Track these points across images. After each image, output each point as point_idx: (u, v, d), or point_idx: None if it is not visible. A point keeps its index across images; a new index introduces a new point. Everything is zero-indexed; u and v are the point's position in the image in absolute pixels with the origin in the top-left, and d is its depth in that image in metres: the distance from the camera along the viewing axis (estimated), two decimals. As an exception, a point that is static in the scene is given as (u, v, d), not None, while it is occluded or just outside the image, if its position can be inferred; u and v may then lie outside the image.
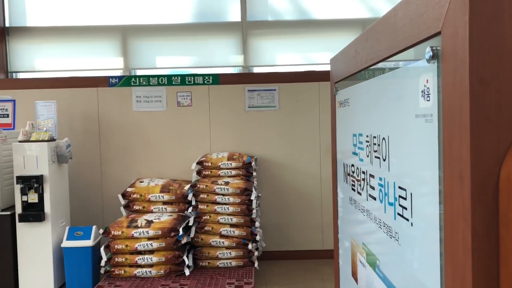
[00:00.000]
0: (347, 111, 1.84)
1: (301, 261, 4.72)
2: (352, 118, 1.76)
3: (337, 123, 2.06)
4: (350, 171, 1.80)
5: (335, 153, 2.13)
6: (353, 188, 1.76)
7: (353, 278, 1.81)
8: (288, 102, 4.78)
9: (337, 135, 2.07)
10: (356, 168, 1.70)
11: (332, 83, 2.12)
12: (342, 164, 1.96)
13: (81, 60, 5.15)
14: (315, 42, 5.16)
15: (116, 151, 4.79)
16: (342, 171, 1.96)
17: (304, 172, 4.79)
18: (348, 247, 1.90)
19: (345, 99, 1.87)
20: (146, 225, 3.91)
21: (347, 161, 1.85)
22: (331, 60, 2.15)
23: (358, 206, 1.68)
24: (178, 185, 4.40)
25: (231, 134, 4.79)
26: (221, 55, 5.15)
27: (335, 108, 2.09)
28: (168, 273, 3.88)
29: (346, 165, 1.88)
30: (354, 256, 1.78)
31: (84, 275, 3.99)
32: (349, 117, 1.82)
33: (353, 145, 1.73)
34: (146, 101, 4.80)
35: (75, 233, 4.06)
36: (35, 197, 3.93)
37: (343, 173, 1.95)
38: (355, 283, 1.76)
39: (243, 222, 4.14)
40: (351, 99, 1.77)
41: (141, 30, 5.14)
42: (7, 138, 4.12)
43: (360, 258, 1.66)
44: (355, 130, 1.70)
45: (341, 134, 2.00)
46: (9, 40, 5.13)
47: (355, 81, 1.73)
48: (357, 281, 1.74)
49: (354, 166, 1.73)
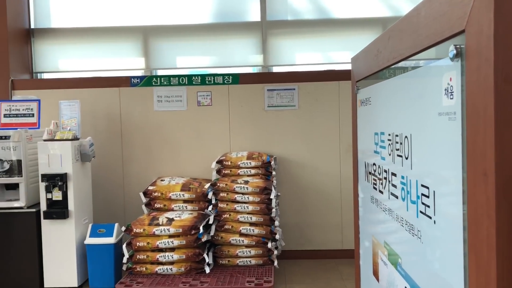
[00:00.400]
0: (369, 110, 1.84)
1: (320, 260, 4.72)
2: (374, 117, 1.76)
3: (358, 122, 2.07)
4: (372, 170, 1.80)
5: (356, 152, 2.13)
6: (375, 187, 1.76)
7: (374, 277, 1.81)
8: (307, 101, 4.78)
9: (358, 134, 2.07)
10: (377, 167, 1.71)
11: (353, 82, 2.12)
12: (363, 163, 1.96)
13: (104, 60, 5.24)
14: (335, 41, 5.15)
15: (137, 149, 4.87)
16: (363, 170, 1.96)
17: (324, 171, 4.78)
18: (369, 246, 1.90)
19: (366, 98, 1.88)
20: (167, 223, 3.97)
21: (369, 160, 1.85)
22: (352, 59, 2.15)
23: (379, 205, 1.69)
24: (198, 184, 4.44)
25: (250, 134, 4.82)
26: (241, 55, 5.18)
27: (356, 107, 2.09)
28: (188, 271, 3.92)
29: (368, 164, 1.88)
30: (375, 255, 1.78)
31: (106, 272, 4.07)
32: (370, 115, 1.82)
33: (375, 143, 1.73)
34: (167, 100, 4.86)
35: (98, 231, 4.14)
36: (59, 194, 4.02)
37: (364, 172, 1.95)
38: (376, 281, 1.76)
39: (262, 221, 4.16)
40: (373, 98, 1.77)
41: (162, 30, 5.20)
42: (33, 137, 4.22)
43: (382, 257, 1.67)
44: (376, 128, 1.70)
45: (362, 133, 2.00)
46: (34, 42, 5.25)
47: (376, 80, 1.73)
48: (378, 279, 1.74)
49: (376, 165, 1.73)
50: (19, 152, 4.06)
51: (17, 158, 4.07)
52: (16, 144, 4.06)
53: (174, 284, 3.73)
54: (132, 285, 3.73)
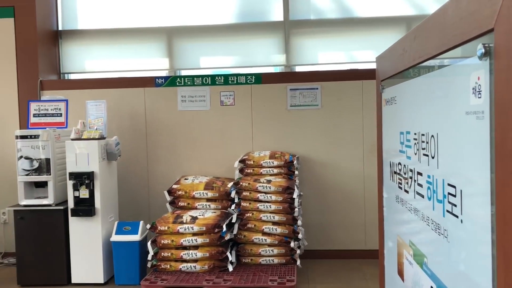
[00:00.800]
0: (394, 109, 1.84)
1: (343, 260, 4.71)
2: (399, 116, 1.76)
3: (383, 121, 2.06)
4: (397, 169, 1.80)
5: (380, 151, 2.12)
6: (400, 186, 1.75)
7: (399, 277, 1.81)
8: (330, 101, 4.77)
9: (383, 133, 2.07)
10: (403, 166, 1.70)
11: (378, 81, 2.12)
12: (388, 163, 1.95)
13: (129, 61, 5.33)
14: (358, 40, 5.12)
15: (162, 149, 4.94)
16: (388, 169, 1.96)
17: (347, 171, 4.76)
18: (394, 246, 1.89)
19: (391, 97, 1.87)
20: (191, 221, 4.01)
21: (394, 159, 1.85)
22: (377, 58, 2.15)
23: (405, 204, 1.68)
24: (221, 183, 4.48)
25: (273, 133, 4.83)
26: (264, 55, 5.20)
27: (381, 106, 2.08)
28: (212, 269, 3.96)
29: (393, 163, 1.87)
30: (400, 254, 1.78)
31: (131, 268, 4.14)
32: (396, 115, 1.81)
33: (400, 143, 1.73)
34: (191, 100, 4.91)
35: (123, 228, 4.22)
36: (86, 192, 4.11)
37: (389, 171, 1.95)
38: (401, 281, 1.76)
39: (285, 220, 4.17)
40: (398, 97, 1.77)
41: (186, 31, 5.26)
42: (61, 136, 4.33)
43: (407, 256, 1.66)
44: (402, 128, 1.70)
45: (387, 132, 2.00)
46: (61, 43, 5.38)
47: (402, 79, 1.73)
48: (403, 279, 1.74)
49: (401, 164, 1.73)
50: (47, 151, 4.17)
51: (46, 156, 4.18)
52: (44, 143, 4.17)
53: (198, 282, 3.78)
54: (156, 282, 3.79)
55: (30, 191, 4.30)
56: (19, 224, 4.20)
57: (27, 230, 4.20)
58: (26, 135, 4.18)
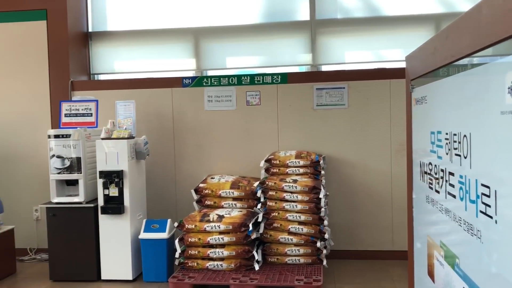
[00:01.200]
0: (424, 109, 1.82)
1: (370, 261, 4.67)
2: (430, 116, 1.74)
3: (413, 121, 2.04)
4: (427, 169, 1.78)
5: (410, 151, 2.10)
6: (431, 186, 1.74)
7: (429, 278, 1.79)
8: (357, 100, 4.74)
9: (413, 133, 2.05)
10: (433, 166, 1.69)
11: (407, 80, 2.10)
12: (418, 163, 1.94)
13: (157, 61, 5.41)
14: (385, 39, 5.07)
15: (189, 148, 5.00)
16: (418, 169, 1.94)
17: (374, 171, 4.73)
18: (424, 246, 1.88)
19: (422, 97, 1.86)
20: (217, 219, 4.05)
21: (424, 159, 1.83)
22: (407, 57, 2.13)
23: (435, 205, 1.67)
24: (247, 182, 4.50)
25: (299, 133, 4.83)
26: (290, 54, 5.20)
27: (410, 105, 2.06)
28: (238, 267, 3.99)
29: (423, 163, 1.86)
30: (431, 255, 1.76)
31: (159, 266, 4.21)
32: (426, 114, 1.80)
33: (431, 143, 1.71)
34: (217, 100, 4.96)
35: (152, 226, 4.29)
36: (115, 191, 4.20)
37: (419, 171, 1.93)
38: (432, 282, 1.74)
39: (311, 220, 4.17)
40: (429, 97, 1.75)
41: (212, 31, 5.31)
42: (91, 135, 4.43)
43: (438, 257, 1.65)
44: (433, 127, 1.68)
45: (417, 132, 1.98)
46: (91, 44, 5.50)
47: (433, 78, 1.71)
48: (434, 280, 1.72)
49: (432, 164, 1.71)
50: (78, 150, 4.28)
51: (77, 155, 4.29)
52: (75, 142, 4.28)
53: (224, 280, 3.82)
54: (184, 280, 3.84)
55: (62, 189, 4.42)
56: (51, 221, 4.32)
57: (59, 227, 4.31)
58: (58, 134, 4.29)
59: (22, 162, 5.16)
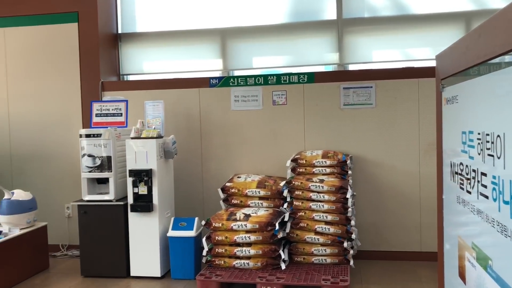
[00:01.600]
0: (455, 108, 1.80)
1: (397, 262, 4.62)
2: (461, 115, 1.72)
3: (443, 120, 2.02)
4: (458, 170, 1.76)
5: (440, 151, 2.08)
6: (462, 187, 1.72)
7: (460, 279, 1.77)
8: (385, 100, 4.70)
9: (443, 132, 2.03)
10: (465, 167, 1.67)
11: (438, 79, 2.08)
12: (449, 163, 1.92)
13: (184, 62, 5.48)
14: (414, 38, 5.00)
15: (215, 147, 5.05)
16: (449, 170, 1.92)
17: (402, 171, 4.67)
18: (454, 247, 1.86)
19: (453, 96, 1.84)
20: (244, 218, 4.08)
21: (455, 159, 1.81)
22: (437, 56, 2.10)
23: (467, 205, 1.65)
24: (273, 182, 4.52)
25: (325, 132, 4.82)
26: (316, 54, 5.18)
27: (441, 105, 2.04)
28: (264, 266, 4.01)
29: (453, 163, 1.84)
30: (462, 257, 1.74)
31: (187, 263, 4.27)
32: (457, 114, 1.78)
33: (462, 142, 1.70)
34: (244, 100, 4.99)
35: (179, 224, 4.35)
36: (144, 189, 4.28)
37: (450, 171, 1.91)
38: (463, 284, 1.72)
39: (338, 220, 4.15)
40: (460, 96, 1.73)
41: (239, 32, 5.35)
42: (121, 135, 4.53)
43: (469, 259, 1.63)
44: (464, 127, 1.66)
45: (447, 132, 1.96)
46: (121, 46, 5.62)
47: (464, 77, 1.69)
48: (465, 282, 1.70)
49: (463, 165, 1.69)
50: (109, 149, 4.38)
51: (107, 154, 4.39)
52: (106, 141, 4.38)
53: (251, 279, 3.84)
54: (211, 277, 3.88)
55: (93, 187, 4.53)
56: (82, 218, 4.44)
57: (90, 224, 4.42)
58: (89, 134, 4.40)
59: (54, 161, 5.31)
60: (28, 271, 4.48)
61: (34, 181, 5.32)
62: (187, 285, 4.15)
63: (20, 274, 4.37)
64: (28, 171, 5.37)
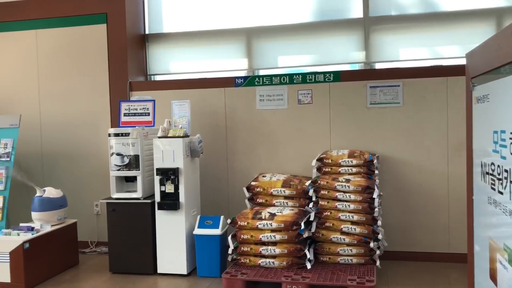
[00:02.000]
0: (487, 107, 1.77)
1: (425, 263, 4.56)
2: (493, 115, 1.69)
3: (473, 119, 1.99)
4: (489, 170, 1.73)
5: (470, 151, 2.05)
6: (493, 187, 1.69)
7: (491, 281, 1.74)
8: (413, 98, 4.63)
9: (474, 132, 1.99)
10: (496, 167, 1.64)
11: (468, 78, 2.04)
12: (479, 163, 1.88)
13: (210, 62, 5.53)
14: (442, 36, 4.91)
15: (241, 146, 5.08)
16: (479, 170, 1.89)
17: (430, 171, 4.60)
18: (485, 249, 1.82)
19: (484, 95, 1.80)
20: (269, 217, 4.10)
21: (486, 159, 1.78)
22: (468, 54, 2.07)
23: (498, 206, 1.62)
24: (299, 181, 4.51)
25: (351, 131, 4.78)
26: (342, 52, 5.15)
27: (471, 104, 2.01)
28: (290, 265, 4.02)
29: (484, 163, 1.81)
30: (493, 258, 1.71)
31: (213, 261, 4.31)
32: (489, 113, 1.75)
33: (494, 142, 1.67)
34: (269, 99, 5.00)
35: (205, 222, 4.40)
36: (171, 187, 4.34)
37: (480, 172, 1.87)
38: (494, 286, 1.69)
39: (364, 220, 4.12)
40: (492, 95, 1.70)
41: (264, 31, 5.36)
42: (148, 134, 4.60)
43: (501, 260, 1.60)
44: (496, 126, 1.63)
45: (478, 131, 1.93)
46: (148, 46, 5.70)
47: (496, 75, 1.66)
48: (496, 284, 1.67)
49: (495, 165, 1.66)
50: (137, 148, 4.46)
51: (135, 153, 4.47)
52: (134, 140, 4.46)
53: (276, 277, 3.85)
54: (237, 275, 3.91)
55: (121, 185, 4.61)
56: (111, 215, 4.53)
57: (118, 221, 4.51)
58: (118, 133, 4.49)
59: (84, 160, 5.44)
60: (58, 266, 4.60)
61: (64, 179, 5.45)
62: (213, 283, 4.19)
63: (51, 270, 4.49)
64: (58, 169, 5.51)
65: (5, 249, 4.14)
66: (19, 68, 5.62)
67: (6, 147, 4.85)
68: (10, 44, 5.63)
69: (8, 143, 4.87)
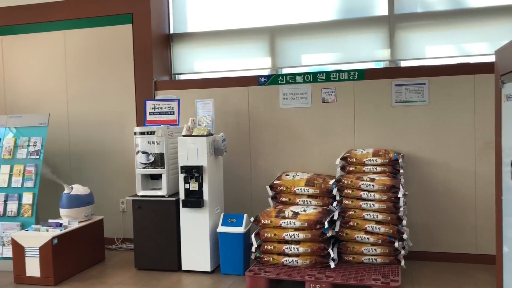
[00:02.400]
0: (517, 106, 1.73)
1: (451, 264, 4.49)
2: (523, 113, 1.66)
3: (502, 118, 1.95)
4: (519, 169, 1.70)
5: (499, 150, 2.01)
6: (523, 187, 1.65)
7: (520, 283, 1.70)
8: (439, 97, 4.56)
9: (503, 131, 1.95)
10: (527, 166, 1.61)
11: (497, 75, 2.01)
12: (509, 162, 1.85)
13: (234, 61, 5.56)
14: (469, 32, 4.82)
15: (264, 145, 5.09)
16: (509, 169, 1.85)
17: (457, 170, 4.52)
18: (514, 250, 1.79)
19: (514, 93, 1.77)
20: (292, 216, 4.09)
21: (515, 158, 1.75)
22: (497, 51, 2.03)
23: (529, 206, 1.59)
24: (322, 180, 4.50)
25: (376, 130, 4.74)
26: (367, 50, 5.11)
27: (500, 102, 1.97)
28: (313, 264, 4.01)
29: (514, 162, 1.77)
30: (523, 259, 1.67)
31: (236, 259, 4.34)
32: (519, 111, 1.71)
33: (524, 141, 1.63)
34: (292, 98, 5.00)
35: (229, 220, 4.43)
36: (195, 185, 4.38)
37: (510, 171, 1.84)
38: (524, 287, 1.66)
39: (389, 219, 4.08)
40: (522, 93, 1.67)
41: (288, 29, 5.35)
42: (173, 132, 4.65)
43: (531, 261, 1.57)
44: (527, 125, 1.60)
45: (507, 130, 1.89)
46: (172, 46, 5.77)
47: (527, 73, 1.62)
48: (526, 285, 1.64)
49: (525, 164, 1.63)
50: (162, 146, 4.51)
51: (160, 151, 4.52)
52: (159, 139, 4.52)
53: (300, 276, 3.85)
54: (260, 274, 3.92)
55: (146, 183, 4.68)
56: (136, 213, 4.60)
57: (144, 218, 4.58)
58: (143, 131, 4.55)
59: (110, 158, 5.54)
60: (85, 262, 4.71)
61: (91, 177, 5.57)
62: (237, 281, 4.22)
63: (78, 265, 4.59)
64: (85, 167, 5.63)
65: (35, 244, 4.25)
66: (48, 68, 5.76)
67: (35, 145, 4.98)
68: (39, 45, 5.78)
69: (38, 141, 5.00)
